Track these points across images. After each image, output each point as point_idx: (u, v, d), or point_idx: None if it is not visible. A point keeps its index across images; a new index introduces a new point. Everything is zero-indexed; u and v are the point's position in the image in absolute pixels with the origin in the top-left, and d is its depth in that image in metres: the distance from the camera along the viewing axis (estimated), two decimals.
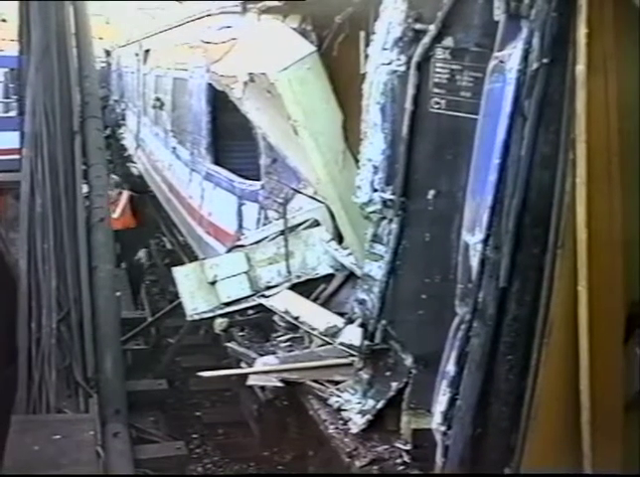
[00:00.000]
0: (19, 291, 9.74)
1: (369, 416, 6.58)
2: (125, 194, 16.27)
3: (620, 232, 4.75)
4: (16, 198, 13.24)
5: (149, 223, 18.97)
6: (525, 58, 4.77)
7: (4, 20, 29.63)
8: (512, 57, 4.88)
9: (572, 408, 4.91)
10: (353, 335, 7.10)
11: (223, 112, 11.89)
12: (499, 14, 5.00)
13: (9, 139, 16.94)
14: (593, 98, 4.64)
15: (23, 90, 10.98)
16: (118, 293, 11.77)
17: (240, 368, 8.22)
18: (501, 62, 5.00)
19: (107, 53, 32.25)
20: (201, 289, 8.98)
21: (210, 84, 11.57)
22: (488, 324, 4.97)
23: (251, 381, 7.62)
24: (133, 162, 22.54)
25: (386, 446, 6.41)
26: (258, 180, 10.15)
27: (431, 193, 6.14)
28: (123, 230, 17.22)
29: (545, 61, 4.68)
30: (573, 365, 4.85)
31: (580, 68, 4.62)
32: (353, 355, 6.99)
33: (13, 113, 20.85)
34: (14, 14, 11.79)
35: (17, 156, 11.59)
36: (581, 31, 4.60)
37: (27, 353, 9.40)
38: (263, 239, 9.33)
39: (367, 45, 7.56)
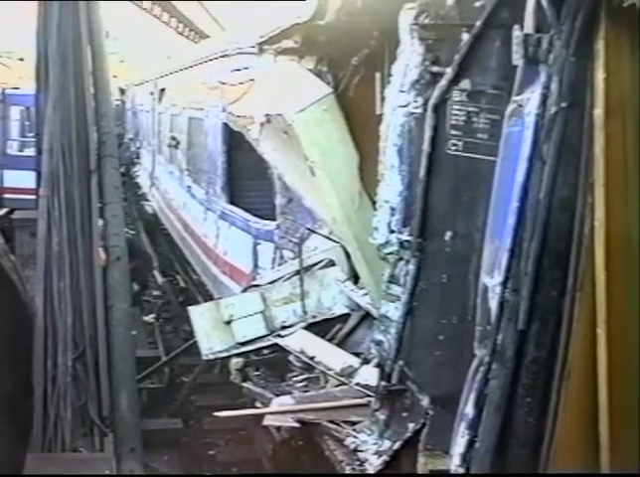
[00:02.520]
0: (35, 329, 9.77)
1: (385, 457, 6.51)
2: None
3: (638, 275, 4.77)
4: (32, 235, 13.27)
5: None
6: (543, 102, 4.82)
7: (21, 59, 29.95)
8: (530, 101, 4.93)
9: (592, 450, 4.90)
10: (369, 375, 7.10)
11: (238, 152, 11.96)
12: (517, 58, 5.04)
13: (24, 178, 17.09)
14: (611, 142, 4.69)
15: (40, 129, 11.06)
16: (134, 332, 11.78)
17: (256, 407, 8.21)
18: (519, 106, 5.05)
19: (122, 91, 32.55)
20: (216, 329, 8.98)
21: (225, 124, 11.65)
22: (507, 366, 4.98)
23: (267, 421, 7.60)
24: (147, 200, 22.69)
25: None
26: (274, 220, 10.18)
27: (448, 234, 6.12)
28: None
29: (563, 105, 4.73)
30: (593, 407, 4.86)
31: (598, 112, 4.67)
32: (369, 395, 6.98)
33: (28, 151, 21.01)
34: (31, 53, 11.89)
35: (31, 196, 11.67)
36: (599, 75, 4.66)
37: (42, 391, 9.41)
38: (279, 279, 9.34)
39: (382, 86, 7.64)
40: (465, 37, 5.81)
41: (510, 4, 5.37)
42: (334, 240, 9.01)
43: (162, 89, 20.55)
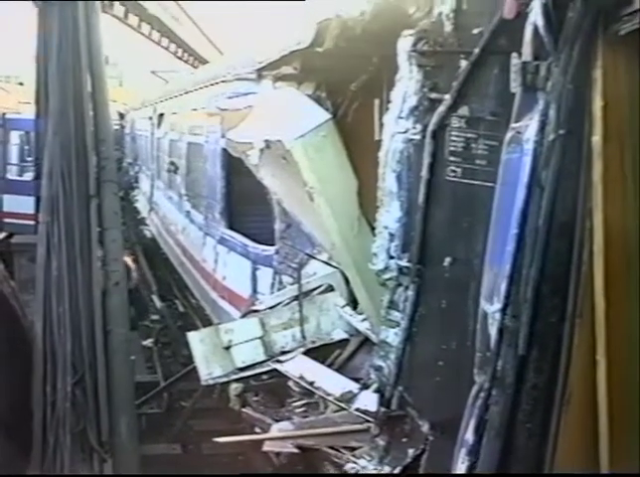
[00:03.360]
0: (34, 354, 9.75)
1: None
2: None
3: (638, 301, 4.78)
4: (30, 260, 13.29)
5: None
6: (541, 129, 4.84)
7: (21, 83, 30.07)
8: (529, 128, 4.94)
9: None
10: (369, 401, 7.09)
11: (237, 177, 11.98)
12: (515, 86, 5.06)
13: (23, 203, 17.11)
14: (609, 169, 4.71)
15: (40, 153, 11.05)
16: (133, 357, 11.76)
17: (255, 433, 8.19)
18: (518, 133, 5.07)
19: (121, 116, 32.63)
20: (215, 354, 8.98)
21: (224, 149, 11.67)
22: (507, 392, 4.98)
23: (267, 446, 7.58)
24: (146, 225, 22.73)
25: None
26: (273, 245, 10.20)
27: (447, 260, 6.12)
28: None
29: (561, 132, 4.75)
30: (593, 433, 4.85)
31: (596, 139, 4.69)
32: (369, 421, 6.97)
33: (27, 176, 21.06)
34: (31, 77, 11.90)
35: (30, 221, 11.68)
36: (597, 103, 4.68)
37: (41, 416, 9.39)
38: (278, 305, 9.35)
39: (381, 112, 7.67)
40: (463, 64, 5.85)
41: (508, 31, 5.40)
42: (333, 266, 9.02)
43: (161, 114, 20.61)
